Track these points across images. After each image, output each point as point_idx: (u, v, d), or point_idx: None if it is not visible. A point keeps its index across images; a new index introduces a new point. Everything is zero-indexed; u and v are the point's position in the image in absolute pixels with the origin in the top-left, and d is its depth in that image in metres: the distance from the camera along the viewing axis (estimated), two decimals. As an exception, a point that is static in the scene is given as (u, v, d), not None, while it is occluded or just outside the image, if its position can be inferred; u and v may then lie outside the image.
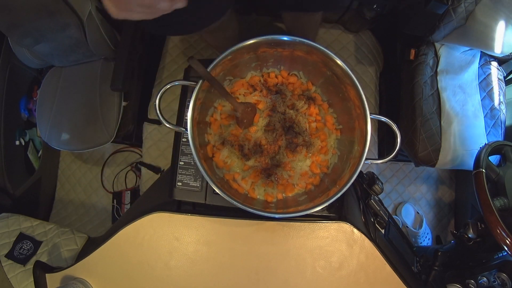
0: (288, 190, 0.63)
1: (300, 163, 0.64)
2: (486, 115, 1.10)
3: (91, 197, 1.54)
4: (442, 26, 1.04)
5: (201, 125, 0.63)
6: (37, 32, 1.01)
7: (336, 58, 0.56)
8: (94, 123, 1.15)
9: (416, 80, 1.11)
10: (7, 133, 1.26)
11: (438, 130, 1.08)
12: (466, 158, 1.06)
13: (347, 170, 0.58)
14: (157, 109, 0.55)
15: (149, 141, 1.30)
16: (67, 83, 1.21)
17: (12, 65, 1.25)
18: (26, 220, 0.90)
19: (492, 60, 1.15)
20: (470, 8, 1.00)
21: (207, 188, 0.66)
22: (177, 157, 0.67)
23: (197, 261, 0.66)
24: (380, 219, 0.73)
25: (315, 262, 0.65)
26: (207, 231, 0.67)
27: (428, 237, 1.40)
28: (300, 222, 0.66)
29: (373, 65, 1.28)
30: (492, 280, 0.75)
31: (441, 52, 1.13)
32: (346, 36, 1.30)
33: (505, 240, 0.69)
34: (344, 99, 0.62)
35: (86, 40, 1.05)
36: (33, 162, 1.41)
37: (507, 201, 0.77)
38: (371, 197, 0.72)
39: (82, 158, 1.56)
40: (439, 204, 1.46)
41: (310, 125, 0.65)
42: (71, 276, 0.68)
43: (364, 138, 0.55)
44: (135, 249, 0.67)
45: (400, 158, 1.39)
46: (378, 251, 0.65)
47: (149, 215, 0.67)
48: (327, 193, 0.56)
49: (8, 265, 0.82)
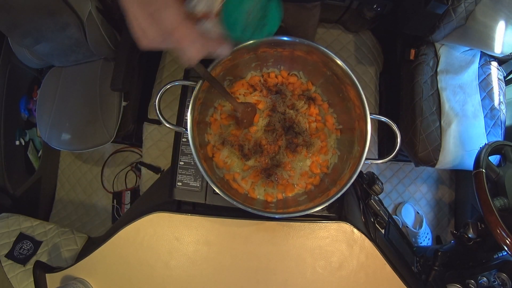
0: (288, 190, 0.63)
1: (300, 163, 0.64)
2: (486, 115, 1.10)
3: (91, 197, 1.54)
4: (442, 26, 1.04)
5: (201, 125, 0.63)
6: (37, 32, 1.01)
7: (336, 58, 0.56)
8: (94, 123, 1.15)
9: (416, 80, 1.11)
10: (7, 133, 1.26)
11: (438, 130, 1.08)
12: (466, 158, 1.06)
13: (347, 170, 0.58)
14: (157, 109, 0.55)
15: (149, 141, 1.30)
16: (67, 83, 1.21)
17: (12, 65, 1.25)
18: (26, 220, 0.90)
19: (492, 60, 1.15)
20: (470, 8, 1.00)
21: (207, 188, 0.66)
22: (177, 157, 0.67)
23: (197, 261, 0.66)
24: (380, 219, 0.73)
25: (315, 262, 0.65)
26: (207, 231, 0.66)
27: (428, 237, 1.40)
28: (300, 222, 0.66)
29: (373, 65, 1.28)
30: (492, 280, 0.75)
31: (441, 52, 1.13)
32: (346, 36, 1.30)
33: (505, 240, 0.69)
34: (344, 99, 0.62)
35: (86, 40, 1.05)
36: (33, 162, 1.41)
37: (507, 201, 0.77)
38: (371, 197, 0.72)
39: (82, 158, 1.56)
40: (439, 204, 1.46)
41: (310, 125, 0.65)
42: (71, 276, 0.68)
43: (364, 138, 0.55)
44: (135, 249, 0.67)
45: (400, 158, 1.39)
46: (378, 251, 0.65)
47: (149, 215, 0.67)
48: (327, 193, 0.56)
49: (8, 265, 0.82)
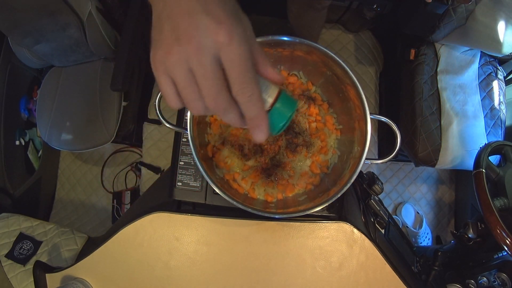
0: (288, 190, 0.63)
1: (300, 163, 0.64)
2: (486, 115, 1.10)
3: (91, 197, 1.54)
4: (442, 26, 1.04)
5: (201, 125, 0.63)
6: (37, 32, 1.01)
7: (336, 58, 0.56)
8: (94, 123, 1.15)
9: (416, 80, 1.11)
10: (7, 133, 1.26)
11: (438, 130, 1.08)
12: (466, 158, 1.06)
13: (347, 170, 0.58)
14: (157, 109, 0.55)
15: (149, 141, 1.30)
16: (67, 83, 1.21)
17: (12, 65, 1.25)
18: (26, 220, 0.90)
19: (492, 60, 1.15)
20: (470, 8, 1.00)
21: (207, 188, 0.66)
22: (177, 157, 0.67)
23: (197, 261, 0.66)
24: (380, 219, 0.73)
25: (315, 262, 0.65)
26: (207, 231, 0.66)
27: (428, 237, 1.40)
28: (300, 222, 0.66)
29: (373, 65, 1.28)
30: (492, 280, 0.75)
31: (441, 52, 1.13)
32: (346, 36, 1.30)
33: (505, 240, 0.69)
34: (344, 99, 0.62)
35: (86, 40, 1.05)
36: (33, 162, 1.41)
37: (507, 201, 0.77)
38: (371, 197, 0.72)
39: (82, 158, 1.56)
40: (439, 204, 1.46)
41: (310, 125, 0.65)
42: (71, 276, 0.68)
43: (364, 138, 0.55)
44: (135, 249, 0.67)
45: (400, 158, 1.39)
46: (378, 251, 0.65)
47: (149, 215, 0.67)
48: (327, 193, 0.56)
49: (8, 265, 0.82)
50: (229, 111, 0.29)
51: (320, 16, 0.99)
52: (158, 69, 0.28)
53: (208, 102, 0.28)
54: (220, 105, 0.28)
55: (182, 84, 0.27)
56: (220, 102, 0.28)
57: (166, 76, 0.27)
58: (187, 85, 0.27)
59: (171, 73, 0.27)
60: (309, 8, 0.93)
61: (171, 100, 0.29)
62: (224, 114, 0.29)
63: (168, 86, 0.28)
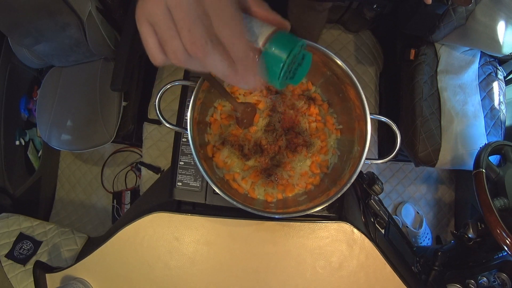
0: (288, 190, 0.63)
1: (300, 163, 0.64)
2: (486, 115, 1.10)
3: (91, 197, 1.54)
4: (442, 26, 1.04)
5: (201, 125, 0.63)
6: (37, 32, 1.01)
7: (336, 58, 0.56)
8: (94, 123, 1.15)
9: (416, 80, 1.11)
10: (7, 133, 1.26)
11: (438, 130, 1.08)
12: (466, 158, 1.06)
13: (347, 170, 0.58)
14: (157, 109, 0.55)
15: (149, 141, 1.30)
16: (67, 83, 1.21)
17: (12, 65, 1.25)
18: (26, 220, 0.90)
19: (492, 60, 1.15)
20: (470, 8, 1.00)
21: (207, 188, 0.66)
22: (177, 157, 0.67)
23: (197, 261, 0.66)
24: (380, 219, 0.73)
25: (315, 262, 0.65)
26: (207, 231, 0.66)
27: (428, 237, 1.40)
28: (300, 222, 0.66)
29: (373, 65, 1.28)
30: (492, 280, 0.75)
31: (441, 52, 1.13)
32: (346, 36, 1.30)
33: (505, 240, 0.69)
34: (344, 99, 0.62)
35: (86, 40, 1.05)
36: (33, 162, 1.41)
37: (507, 201, 0.77)
38: (371, 197, 0.72)
39: (82, 158, 1.57)
40: (439, 204, 1.46)
41: (310, 125, 0.65)
42: (71, 276, 0.68)
43: (364, 138, 0.55)
44: (135, 249, 0.67)
45: (400, 158, 1.39)
46: (378, 251, 0.65)
47: (149, 215, 0.67)
48: (327, 193, 0.56)
49: (8, 265, 0.82)
50: (211, 52, 0.26)
51: (321, 18, 0.99)
52: (139, 19, 0.27)
53: (184, 35, 0.25)
54: (198, 39, 0.25)
55: (159, 24, 0.26)
56: (196, 35, 0.25)
57: (148, 24, 0.27)
58: (164, 23, 0.26)
59: (150, 18, 0.26)
60: (310, 9, 0.93)
61: (153, 51, 0.28)
62: (206, 56, 0.26)
63: (149, 35, 0.27)
